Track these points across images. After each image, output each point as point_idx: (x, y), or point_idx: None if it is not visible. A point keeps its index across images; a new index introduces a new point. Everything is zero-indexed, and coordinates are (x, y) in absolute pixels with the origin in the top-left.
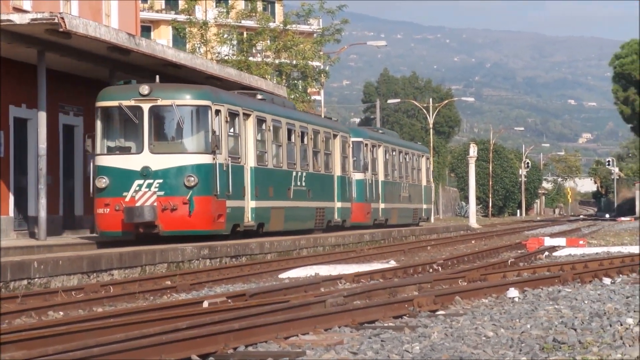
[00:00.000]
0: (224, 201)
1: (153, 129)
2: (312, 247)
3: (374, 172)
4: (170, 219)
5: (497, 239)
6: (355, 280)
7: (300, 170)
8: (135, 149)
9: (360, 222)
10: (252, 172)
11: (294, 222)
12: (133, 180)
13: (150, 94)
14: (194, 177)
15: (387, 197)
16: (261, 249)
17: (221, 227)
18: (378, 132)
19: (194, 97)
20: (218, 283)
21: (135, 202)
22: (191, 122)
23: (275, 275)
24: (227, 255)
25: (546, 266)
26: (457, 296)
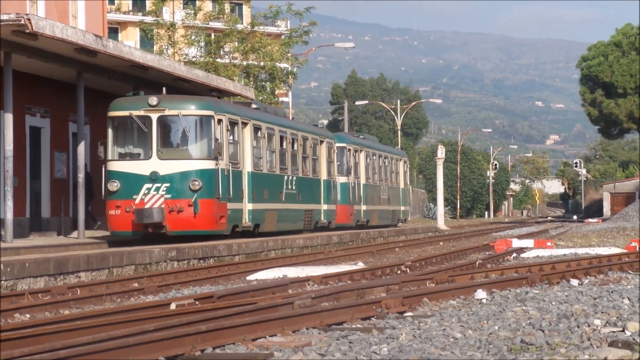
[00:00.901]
0: (225, 203)
1: (161, 137)
2: (280, 249)
3: (356, 176)
4: (177, 220)
5: (465, 240)
6: (323, 282)
7: (291, 175)
8: (144, 155)
9: (344, 223)
10: (249, 177)
11: (285, 223)
12: (142, 184)
13: (159, 104)
14: (198, 181)
15: (368, 200)
16: (229, 250)
17: (223, 227)
18: (359, 137)
19: (198, 108)
20: (186, 285)
21: (145, 204)
22: (196, 131)
23: (243, 277)
24: (195, 257)
25: (514, 268)
26: (425, 298)
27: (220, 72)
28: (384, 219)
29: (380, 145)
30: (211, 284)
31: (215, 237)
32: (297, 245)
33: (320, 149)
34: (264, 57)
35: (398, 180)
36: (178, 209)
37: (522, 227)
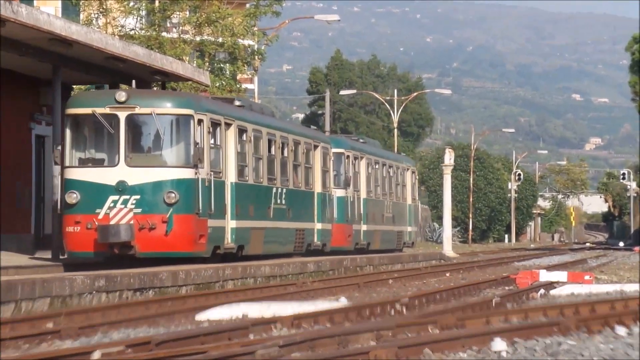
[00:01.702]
0: (205, 220)
1: (130, 140)
2: (241, 279)
3: (355, 189)
4: (148, 239)
5: (478, 271)
6: (294, 324)
7: (280, 187)
8: (110, 161)
9: (340, 246)
10: (232, 188)
11: (273, 244)
12: (107, 196)
13: (128, 101)
14: (174, 194)
15: (369, 218)
16: (174, 279)
17: (202, 248)
18: (359, 141)
19: (175, 105)
20: (116, 326)
21: (110, 220)
22: (172, 133)
23: (191, 316)
24: (129, 288)
25: (542, 309)
26: (427, 348)
27: (166, 50)
28: (387, 241)
29: (384, 151)
30: (149, 324)
31: (193, 260)
32: (261, 274)
33: (314, 156)
34: (223, 31)
35: (405, 195)
36: (150, 226)
37: (553, 255)
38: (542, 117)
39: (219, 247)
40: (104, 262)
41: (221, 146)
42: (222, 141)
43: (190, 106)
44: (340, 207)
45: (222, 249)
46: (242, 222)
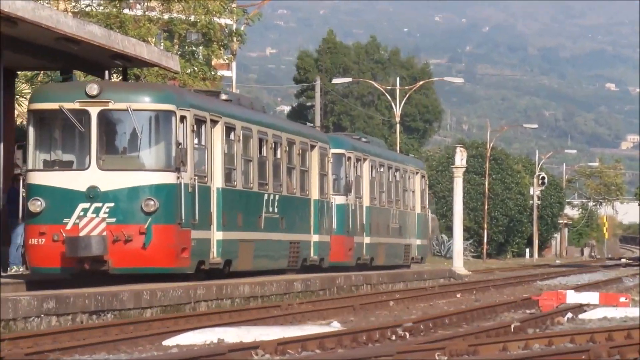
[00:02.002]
0: (188, 231)
1: (103, 139)
2: (215, 300)
3: (357, 195)
4: (123, 253)
5: (494, 292)
6: (278, 350)
7: (273, 193)
8: (80, 164)
9: (340, 261)
10: (219, 195)
11: (264, 259)
12: (77, 204)
13: (100, 94)
14: (153, 201)
15: (373, 229)
16: (136, 301)
17: (185, 264)
18: (361, 140)
19: (155, 100)
20: (69, 352)
21: (80, 231)
22: (151, 131)
23: (158, 342)
24: (84, 311)
25: (569, 335)
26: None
27: (128, 30)
28: (393, 256)
29: (390, 152)
30: (108, 351)
31: (174, 277)
32: (240, 295)
33: (311, 157)
34: (196, 8)
35: (413, 203)
36: (125, 238)
37: (582, 273)
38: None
39: (203, 262)
40: (72, 279)
41: (206, 146)
42: (208, 141)
43: (171, 101)
44: (340, 216)
45: (208, 264)
46: (230, 233)
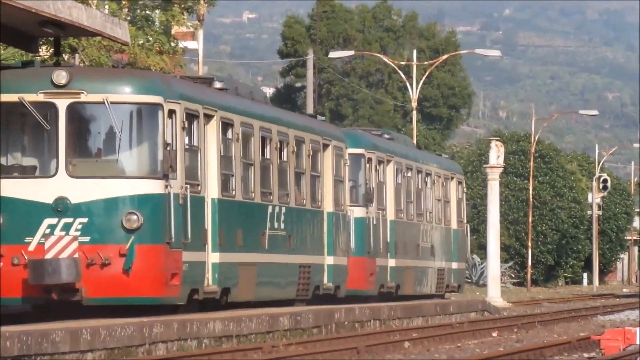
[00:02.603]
0: (179, 253)
1: (73, 139)
2: (178, 341)
3: (380, 206)
4: (100, 280)
5: (542, 329)
6: None
7: (278, 205)
8: (45, 169)
9: (360, 289)
10: (214, 207)
11: (269, 287)
12: (41, 219)
13: (70, 84)
14: (137, 216)
15: (399, 249)
16: (74, 342)
17: (174, 292)
18: (383, 137)
19: (138, 90)
20: None
21: (45, 252)
22: (133, 130)
23: None
24: (4, 356)
25: None
26: None
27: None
28: (424, 283)
29: (419, 151)
30: None
31: (162, 309)
32: (209, 334)
33: (324, 159)
34: None
35: (448, 216)
36: (102, 262)
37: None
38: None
39: (196, 290)
40: (36, 312)
41: (199, 147)
42: (201, 140)
43: (158, 91)
44: (359, 233)
45: (201, 293)
46: (228, 255)
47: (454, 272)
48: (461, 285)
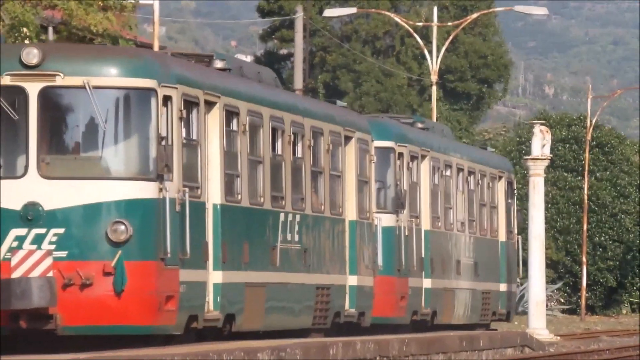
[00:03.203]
0: (176, 271)
1: (47, 132)
2: None
3: (413, 213)
4: (80, 304)
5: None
6: None
7: (291, 212)
8: (11, 169)
9: (387, 316)
10: (216, 215)
11: (279, 314)
12: (8, 229)
13: (43, 64)
14: (125, 226)
15: (435, 267)
16: None
17: (170, 320)
18: (416, 126)
19: (126, 72)
20: None
21: (12, 270)
22: (120, 120)
23: None
24: None
25: None
26: None
27: None
28: (465, 309)
29: (459, 144)
30: None
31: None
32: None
33: (345, 155)
34: None
35: (496, 225)
36: (82, 282)
37: None
38: None
39: (196, 317)
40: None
41: (199, 142)
42: (201, 133)
43: (151, 73)
44: (387, 246)
45: (201, 320)
46: (233, 274)
47: (502, 296)
48: (511, 312)
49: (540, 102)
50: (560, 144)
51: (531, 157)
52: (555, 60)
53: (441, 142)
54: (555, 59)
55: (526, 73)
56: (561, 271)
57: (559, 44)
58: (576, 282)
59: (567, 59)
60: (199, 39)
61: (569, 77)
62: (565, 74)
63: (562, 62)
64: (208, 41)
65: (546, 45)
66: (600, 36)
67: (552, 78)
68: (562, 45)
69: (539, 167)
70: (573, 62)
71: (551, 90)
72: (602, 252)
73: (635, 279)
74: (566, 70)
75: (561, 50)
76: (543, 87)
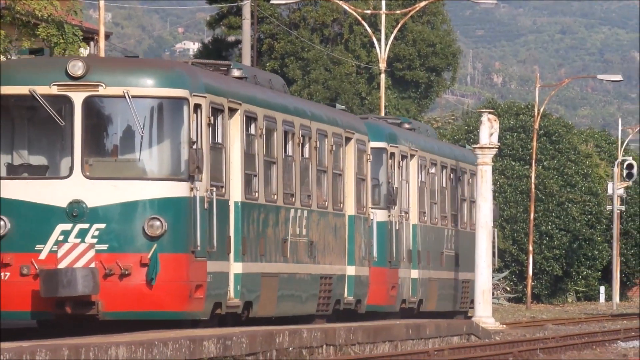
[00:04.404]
0: (204, 262)
1: (90, 137)
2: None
3: (402, 209)
4: (119, 292)
5: (545, 358)
6: None
7: (300, 207)
8: (58, 170)
9: (379, 304)
10: (237, 212)
11: (289, 301)
12: (54, 225)
13: (87, 75)
14: (160, 221)
15: (422, 258)
16: None
17: (199, 307)
18: (403, 126)
19: (161, 83)
20: None
21: (59, 261)
22: (156, 126)
23: None
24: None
25: None
26: None
27: None
28: (447, 298)
29: (441, 143)
30: None
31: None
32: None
33: (345, 155)
34: None
35: (474, 218)
36: (121, 272)
37: None
38: None
39: (219, 304)
40: (48, 327)
41: (223, 145)
42: (225, 137)
43: (183, 84)
44: (381, 239)
45: (224, 307)
46: (251, 265)
47: None
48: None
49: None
50: (508, 133)
51: (479, 145)
52: (504, 49)
53: (427, 141)
54: (503, 48)
55: (474, 62)
56: (507, 260)
57: (507, 33)
58: (522, 271)
59: (515, 47)
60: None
61: (517, 66)
62: (514, 63)
63: (510, 51)
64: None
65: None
66: (548, 25)
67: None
68: (510, 34)
69: (486, 156)
70: (521, 50)
71: (499, 79)
72: (548, 240)
73: (580, 268)
74: (514, 59)
75: (509, 39)
76: (491, 76)
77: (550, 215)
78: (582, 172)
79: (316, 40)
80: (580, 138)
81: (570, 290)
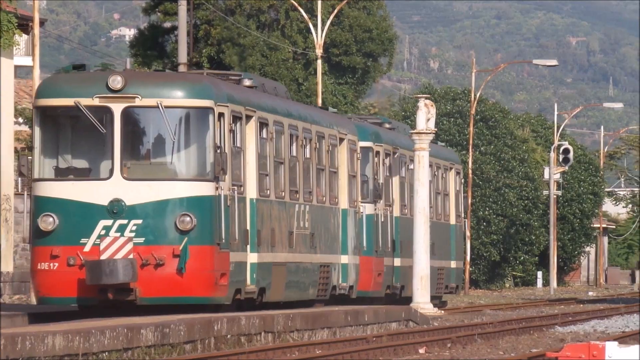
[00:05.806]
0: (227, 253)
1: (128, 143)
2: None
3: (387, 203)
4: (154, 280)
5: (484, 345)
6: None
7: (303, 203)
8: (100, 172)
9: (367, 290)
10: (252, 207)
11: (294, 287)
12: (97, 221)
13: (125, 88)
14: (190, 217)
15: (404, 247)
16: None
17: (223, 293)
18: (384, 126)
19: (190, 94)
20: None
21: (101, 253)
22: (185, 133)
23: None
24: None
25: None
26: None
27: None
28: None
29: None
30: None
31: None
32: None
33: (340, 154)
34: None
35: (448, 210)
36: (157, 262)
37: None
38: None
39: (239, 290)
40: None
41: (242, 148)
42: (243, 141)
43: (209, 95)
44: (369, 230)
45: (243, 293)
46: (264, 255)
47: (452, 272)
48: (459, 285)
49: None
50: (445, 118)
51: (416, 131)
52: (440, 34)
53: (406, 140)
54: (439, 33)
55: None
56: None
57: (443, 18)
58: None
59: (451, 33)
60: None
61: (454, 51)
62: (450, 48)
63: (446, 36)
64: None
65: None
66: (483, 10)
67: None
68: (446, 20)
69: (424, 141)
70: (457, 36)
71: (436, 64)
72: (486, 226)
73: (518, 253)
74: (450, 45)
75: (445, 25)
76: (428, 61)
77: (487, 200)
78: (519, 157)
79: (252, 27)
80: (517, 123)
81: (508, 275)
